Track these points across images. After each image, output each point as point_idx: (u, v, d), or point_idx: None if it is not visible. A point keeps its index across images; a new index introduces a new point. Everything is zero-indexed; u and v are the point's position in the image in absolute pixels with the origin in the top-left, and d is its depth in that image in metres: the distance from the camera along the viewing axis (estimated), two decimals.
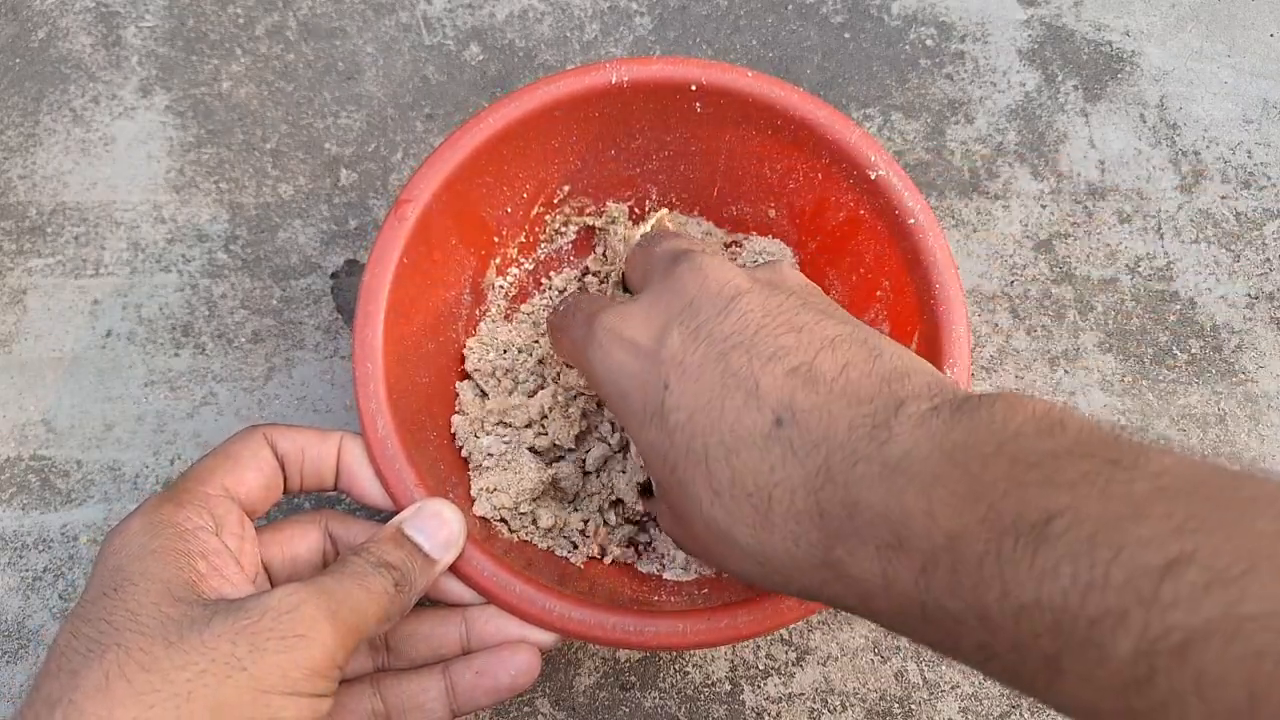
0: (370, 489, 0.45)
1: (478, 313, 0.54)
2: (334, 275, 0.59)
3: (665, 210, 0.55)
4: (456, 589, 0.45)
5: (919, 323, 0.47)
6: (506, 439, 0.51)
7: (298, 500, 0.55)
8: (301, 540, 0.45)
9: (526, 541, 0.50)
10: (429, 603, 0.46)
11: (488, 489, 0.49)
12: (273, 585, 0.43)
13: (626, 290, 0.53)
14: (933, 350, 0.46)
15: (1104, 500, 0.26)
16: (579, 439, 0.52)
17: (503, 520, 0.49)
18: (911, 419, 0.32)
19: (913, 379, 0.34)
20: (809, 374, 0.35)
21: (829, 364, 0.35)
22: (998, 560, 0.27)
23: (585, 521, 0.51)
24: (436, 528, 0.43)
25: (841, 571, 0.33)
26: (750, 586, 0.44)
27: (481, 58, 0.64)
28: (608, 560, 0.51)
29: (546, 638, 0.44)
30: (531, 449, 0.51)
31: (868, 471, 0.32)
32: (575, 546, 0.51)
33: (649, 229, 0.51)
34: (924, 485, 0.30)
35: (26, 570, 0.53)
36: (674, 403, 0.37)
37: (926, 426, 0.32)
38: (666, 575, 0.50)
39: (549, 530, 0.50)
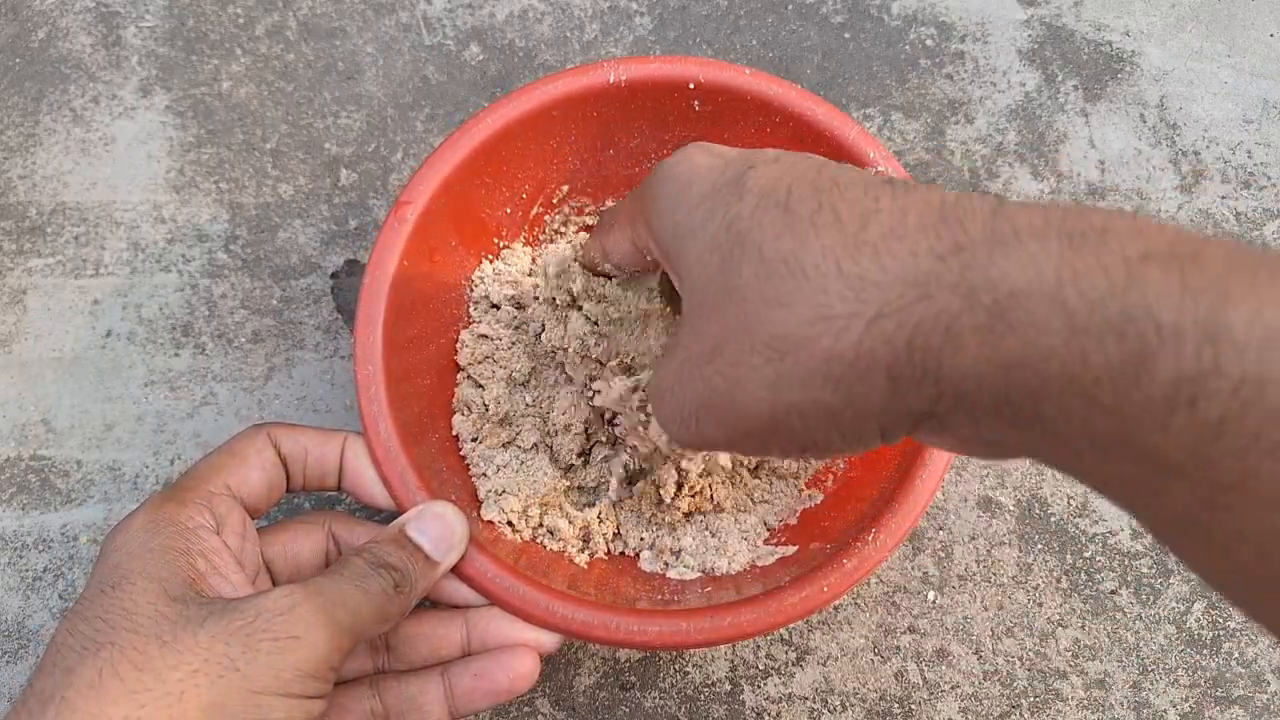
0: (373, 490, 0.45)
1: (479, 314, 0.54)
2: (334, 275, 0.59)
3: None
4: (458, 591, 0.45)
5: None
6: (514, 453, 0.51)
7: (298, 500, 0.55)
8: (304, 541, 0.45)
9: (530, 541, 0.50)
10: (430, 604, 0.46)
11: (496, 491, 0.49)
12: (274, 585, 0.43)
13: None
14: None
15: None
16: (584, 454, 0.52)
17: (509, 524, 0.49)
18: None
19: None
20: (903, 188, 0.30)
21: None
22: (1251, 281, 0.22)
23: (595, 520, 0.51)
24: (439, 529, 0.43)
25: (967, 273, 0.26)
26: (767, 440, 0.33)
27: (481, 58, 0.64)
28: (613, 549, 0.51)
29: (548, 639, 0.44)
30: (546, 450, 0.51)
31: (1026, 206, 0.26)
32: (585, 543, 0.51)
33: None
34: (1122, 215, 0.25)
35: (26, 570, 0.54)
36: (758, 173, 0.31)
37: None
38: (670, 574, 0.50)
39: (555, 532, 0.50)
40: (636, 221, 0.38)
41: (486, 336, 0.52)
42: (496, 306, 0.52)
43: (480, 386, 0.52)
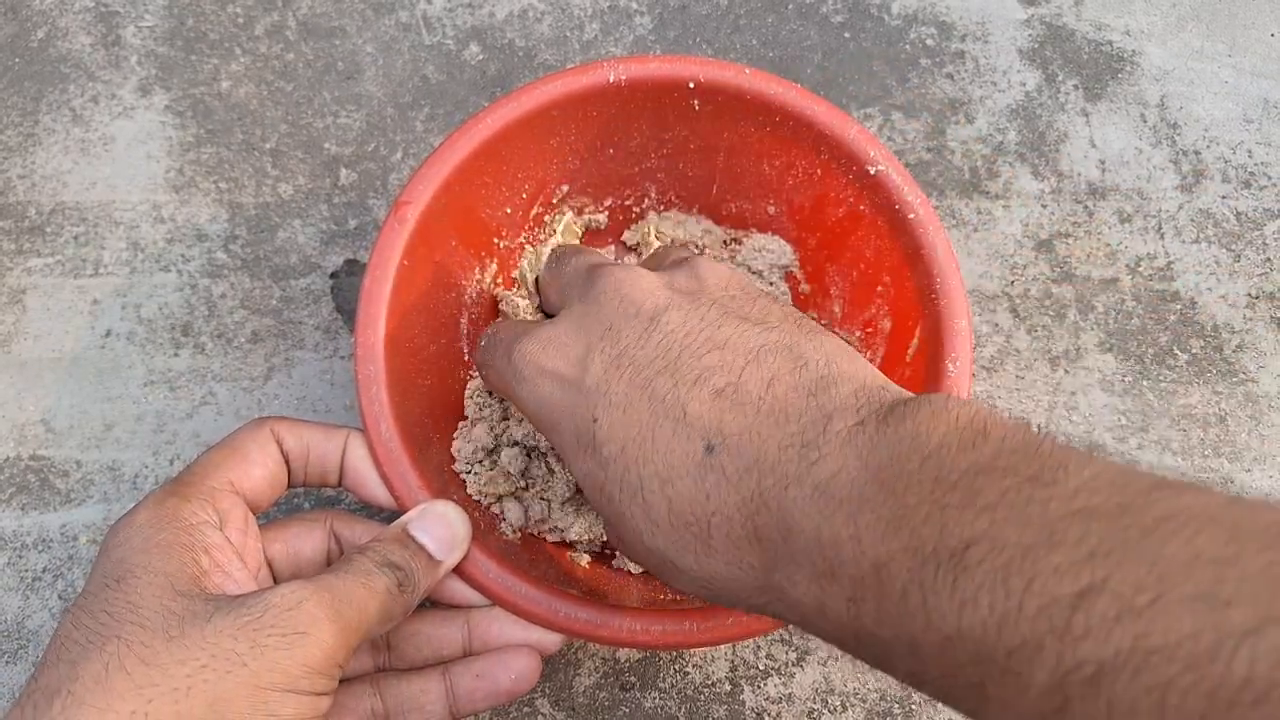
0: (375, 489, 0.45)
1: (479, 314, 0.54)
2: (334, 275, 0.59)
3: (571, 214, 0.54)
4: (460, 590, 0.45)
5: (920, 318, 0.47)
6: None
7: (297, 500, 0.55)
8: (306, 538, 0.45)
9: (531, 540, 0.50)
10: (431, 604, 0.46)
11: (485, 489, 0.50)
12: (276, 582, 0.43)
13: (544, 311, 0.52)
14: (934, 345, 0.46)
15: (1020, 525, 0.26)
16: None
17: (505, 521, 0.50)
18: (838, 436, 0.32)
19: (839, 388, 0.34)
20: (735, 394, 0.35)
21: (754, 381, 0.35)
22: (921, 590, 0.27)
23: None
24: (441, 529, 0.43)
25: (781, 595, 0.33)
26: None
27: (481, 57, 0.64)
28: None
29: (550, 640, 0.44)
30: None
31: (799, 495, 0.32)
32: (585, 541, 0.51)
33: (558, 240, 0.50)
34: (851, 510, 0.30)
35: (26, 570, 0.53)
36: (604, 435, 0.37)
37: (853, 444, 0.32)
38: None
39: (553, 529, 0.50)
40: (513, 403, 0.45)
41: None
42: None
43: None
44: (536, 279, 0.47)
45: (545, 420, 0.40)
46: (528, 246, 0.54)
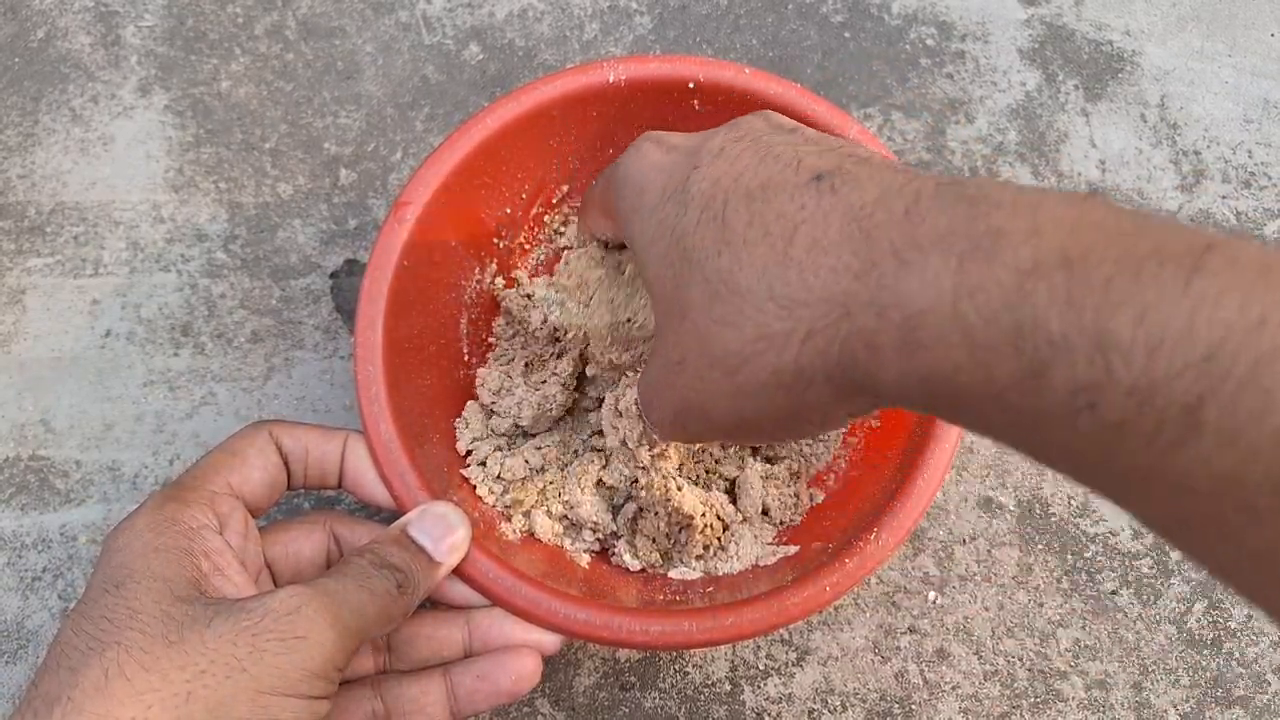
0: (374, 490, 0.45)
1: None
2: (333, 275, 0.59)
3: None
4: (459, 591, 0.45)
5: None
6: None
7: (297, 500, 0.55)
8: (306, 540, 0.45)
9: (530, 540, 0.50)
10: (431, 605, 0.46)
11: (494, 485, 0.50)
12: (276, 585, 0.43)
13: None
14: None
15: (1263, 247, 0.22)
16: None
17: (507, 520, 0.50)
18: (988, 179, 0.28)
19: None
20: (861, 158, 0.31)
21: (882, 159, 0.31)
22: (1136, 281, 0.22)
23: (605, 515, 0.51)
24: (441, 530, 0.43)
25: (878, 293, 0.27)
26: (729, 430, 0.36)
27: (481, 57, 0.64)
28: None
29: (550, 640, 0.44)
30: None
31: (935, 203, 0.27)
32: (592, 530, 0.51)
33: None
34: (1023, 209, 0.25)
35: (25, 570, 0.53)
36: (699, 176, 0.33)
37: (1009, 183, 0.27)
38: (671, 574, 0.50)
39: (552, 529, 0.50)
40: (608, 215, 0.40)
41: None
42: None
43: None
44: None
45: (636, 182, 0.36)
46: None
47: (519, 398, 0.51)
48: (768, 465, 0.52)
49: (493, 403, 0.52)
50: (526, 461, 0.50)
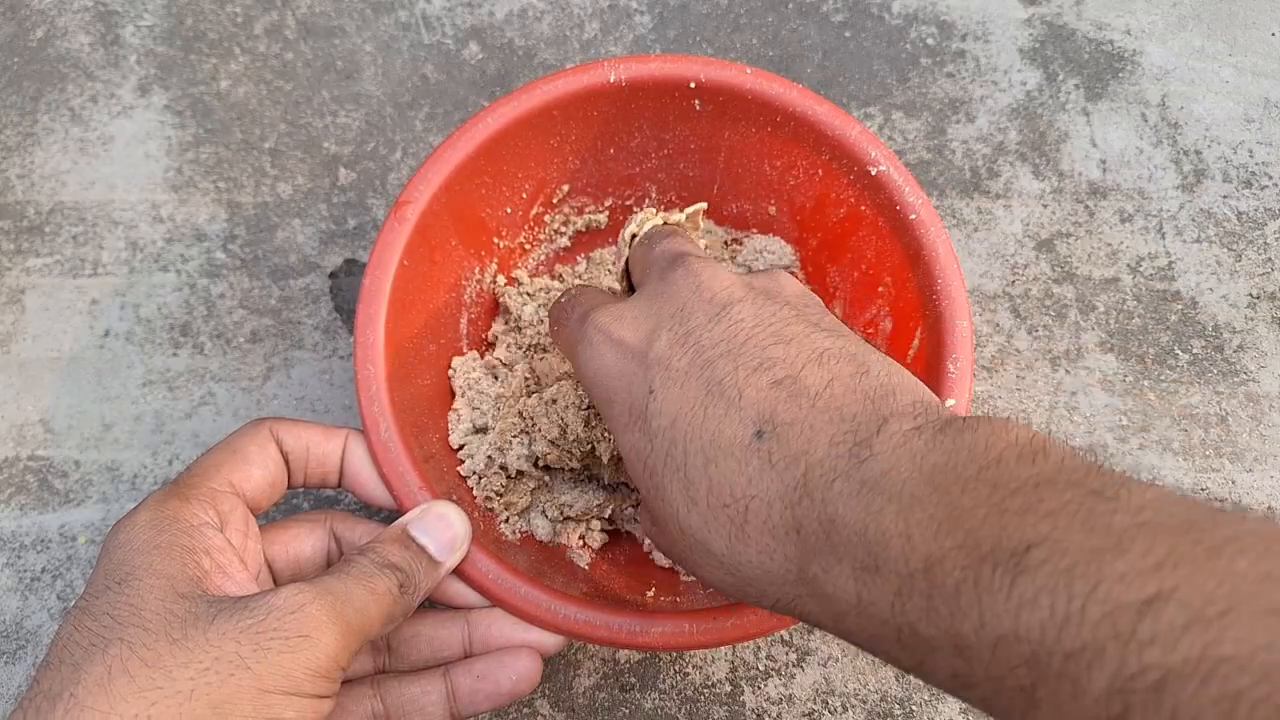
0: (375, 489, 0.45)
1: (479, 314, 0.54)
2: (333, 275, 0.59)
3: (653, 211, 0.54)
4: (460, 591, 0.45)
5: (921, 318, 0.47)
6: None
7: (296, 500, 0.55)
8: (306, 539, 0.45)
9: (530, 539, 0.50)
10: (431, 605, 0.45)
11: (487, 482, 0.50)
12: (276, 584, 0.43)
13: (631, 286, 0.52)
14: (935, 345, 0.46)
15: (1085, 532, 0.25)
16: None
17: (505, 520, 0.49)
18: (893, 438, 0.32)
19: (898, 397, 0.34)
20: (793, 387, 0.35)
21: (814, 378, 0.35)
22: (975, 589, 0.27)
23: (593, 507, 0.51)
24: (442, 530, 0.43)
25: (816, 589, 0.32)
26: (725, 596, 0.44)
27: (481, 56, 0.64)
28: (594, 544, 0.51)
29: (550, 640, 0.44)
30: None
31: (846, 489, 0.31)
32: (584, 537, 0.51)
33: (637, 228, 0.50)
34: (902, 507, 0.30)
35: (25, 571, 0.53)
36: (657, 408, 0.37)
37: (908, 447, 0.31)
38: (682, 576, 0.50)
39: (552, 527, 0.50)
40: (573, 366, 0.44)
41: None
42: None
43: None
44: (626, 261, 0.47)
45: (601, 389, 0.40)
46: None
47: (490, 394, 0.51)
48: None
49: (466, 392, 0.52)
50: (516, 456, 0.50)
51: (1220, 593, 0.23)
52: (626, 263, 0.46)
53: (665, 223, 0.47)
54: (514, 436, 0.50)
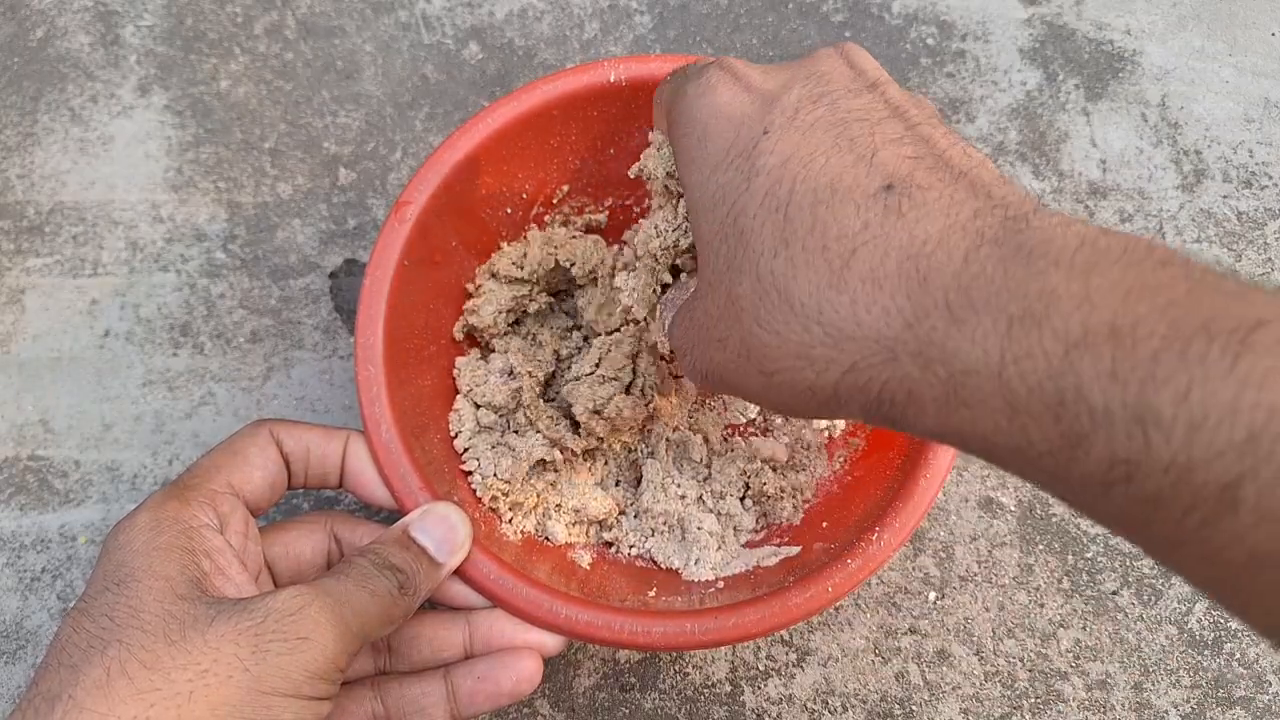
0: (375, 489, 0.45)
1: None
2: (333, 275, 0.59)
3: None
4: (461, 592, 0.45)
5: None
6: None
7: (295, 501, 0.55)
8: (306, 541, 0.45)
9: (531, 539, 0.50)
10: (432, 605, 0.45)
11: (489, 485, 0.50)
12: (276, 585, 0.43)
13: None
14: None
15: None
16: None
17: (509, 521, 0.50)
18: (1054, 218, 0.27)
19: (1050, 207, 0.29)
20: (935, 161, 0.30)
21: (960, 158, 0.31)
22: (1183, 359, 0.22)
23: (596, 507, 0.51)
24: (443, 531, 0.43)
25: (929, 347, 0.27)
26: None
27: (481, 56, 0.64)
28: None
29: (551, 641, 0.44)
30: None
31: (995, 253, 0.27)
32: (585, 535, 0.51)
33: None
34: (1076, 272, 0.25)
35: (24, 570, 0.53)
36: (769, 145, 0.32)
37: (1075, 229, 0.27)
38: (684, 574, 0.50)
39: (552, 529, 0.50)
40: (669, 117, 0.38)
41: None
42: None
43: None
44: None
45: (700, 125, 0.35)
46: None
47: (492, 384, 0.51)
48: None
49: (470, 391, 0.52)
50: (517, 456, 0.50)
51: None
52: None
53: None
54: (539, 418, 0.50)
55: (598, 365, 0.51)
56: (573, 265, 0.52)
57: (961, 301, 0.27)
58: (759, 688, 0.52)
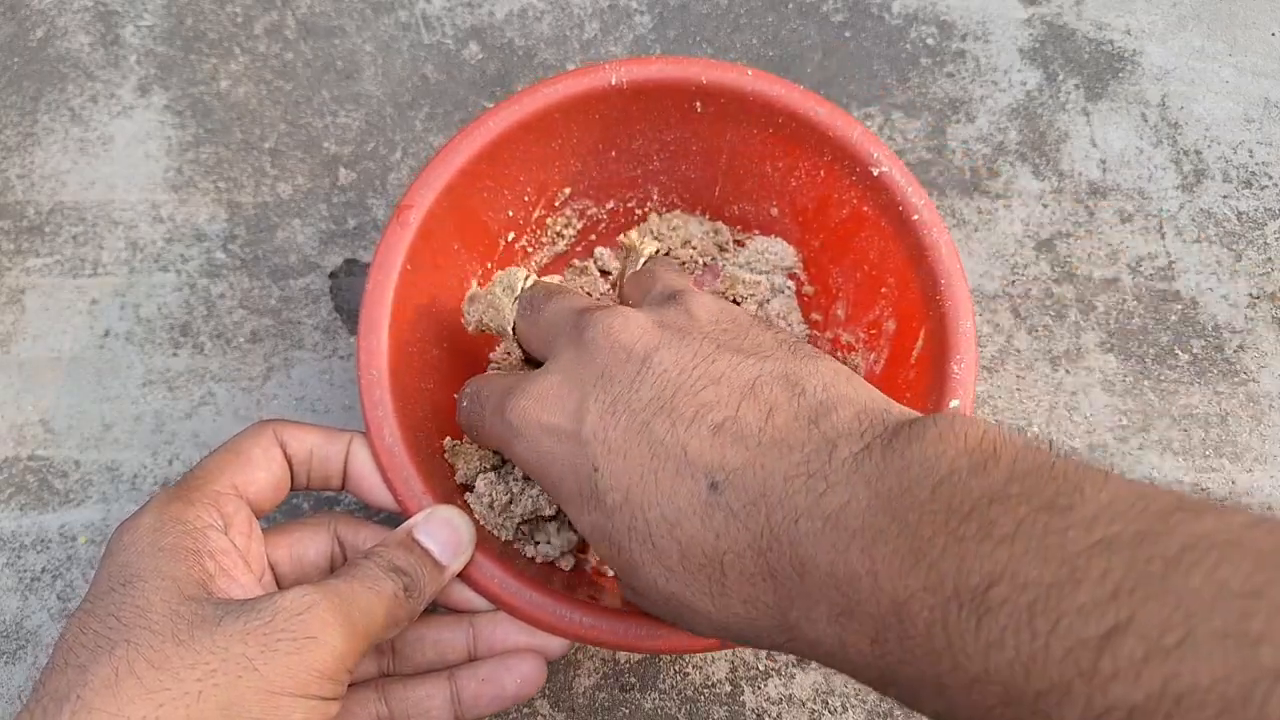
0: (379, 493, 0.45)
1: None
2: (333, 275, 0.59)
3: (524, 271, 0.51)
4: (464, 595, 0.45)
5: (925, 319, 0.47)
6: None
7: (295, 501, 0.55)
8: (310, 542, 0.45)
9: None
10: (436, 608, 0.46)
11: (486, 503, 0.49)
12: (280, 586, 0.43)
13: (526, 359, 0.51)
14: (939, 347, 0.46)
15: (1040, 561, 0.25)
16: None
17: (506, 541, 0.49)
18: (845, 464, 0.31)
19: (840, 412, 0.33)
20: (734, 428, 0.34)
21: (753, 413, 0.34)
22: (945, 631, 0.26)
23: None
24: (447, 534, 0.43)
25: (799, 634, 0.32)
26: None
27: (481, 56, 0.64)
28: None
29: (555, 643, 0.44)
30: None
31: (810, 528, 0.31)
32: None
33: (524, 284, 0.49)
34: (865, 544, 0.29)
35: (24, 571, 0.53)
36: (606, 484, 0.36)
37: (861, 471, 0.31)
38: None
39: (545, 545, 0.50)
40: (513, 460, 0.42)
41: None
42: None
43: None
44: (514, 326, 0.46)
45: (546, 476, 0.39)
46: (480, 286, 0.53)
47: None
48: None
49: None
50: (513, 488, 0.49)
51: (1176, 617, 0.23)
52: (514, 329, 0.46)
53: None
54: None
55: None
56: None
57: (802, 595, 0.31)
58: (759, 688, 0.52)
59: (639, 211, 0.56)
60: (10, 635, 0.52)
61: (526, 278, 0.46)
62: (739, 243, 0.56)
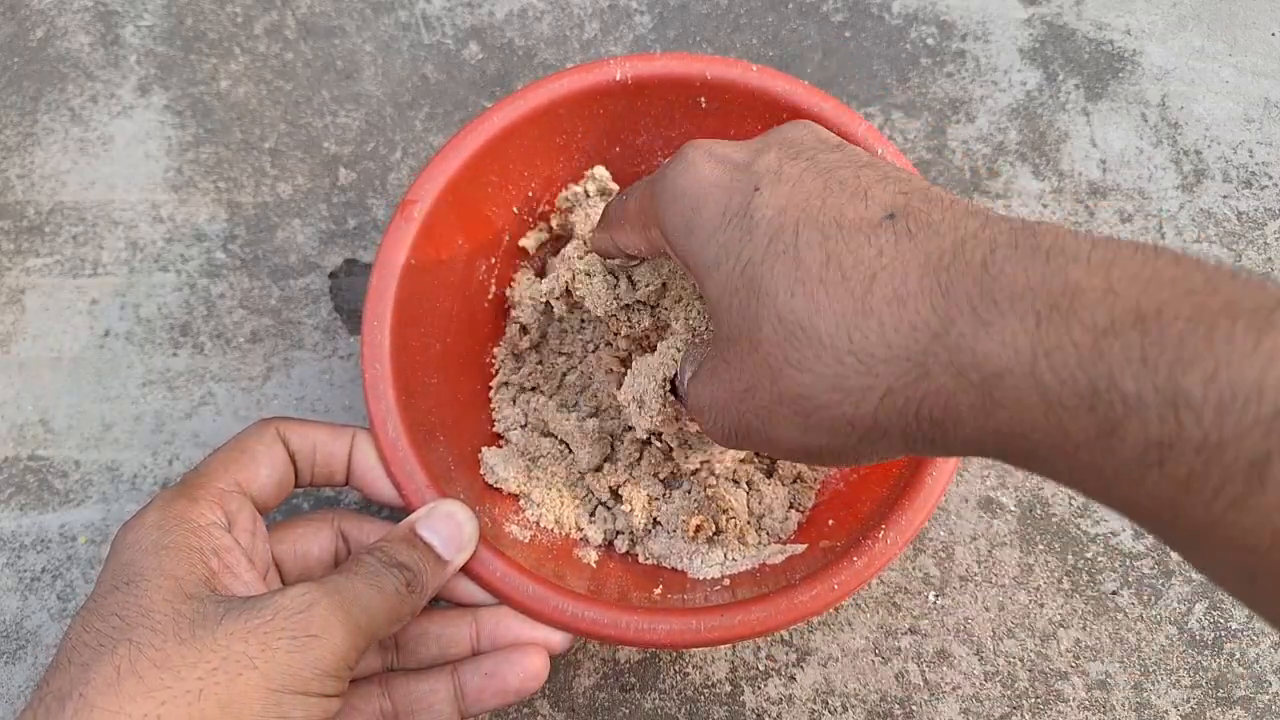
0: (383, 487, 0.45)
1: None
2: (333, 275, 0.59)
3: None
4: (468, 590, 0.45)
5: None
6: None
7: (295, 500, 0.55)
8: (314, 539, 0.45)
9: (540, 533, 0.50)
10: (439, 603, 0.46)
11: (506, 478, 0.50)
12: (284, 583, 0.43)
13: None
14: None
15: None
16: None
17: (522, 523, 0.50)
18: (1062, 227, 0.28)
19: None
20: (924, 194, 0.32)
21: (944, 193, 0.32)
22: (1209, 339, 0.23)
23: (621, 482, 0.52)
24: (449, 528, 0.43)
25: (960, 353, 0.28)
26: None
27: (481, 56, 0.64)
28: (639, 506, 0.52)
29: (558, 638, 0.44)
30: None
31: (1012, 255, 0.28)
32: (607, 507, 0.51)
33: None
34: (1096, 266, 0.26)
35: (24, 571, 0.53)
36: (763, 200, 0.34)
37: (1083, 233, 0.28)
38: (689, 572, 0.50)
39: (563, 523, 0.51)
40: (650, 228, 0.40)
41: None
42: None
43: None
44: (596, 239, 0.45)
45: (689, 199, 0.36)
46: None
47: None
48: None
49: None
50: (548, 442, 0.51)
51: None
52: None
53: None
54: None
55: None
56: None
57: (986, 304, 0.27)
58: (759, 688, 0.52)
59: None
60: (10, 635, 0.52)
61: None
62: None
